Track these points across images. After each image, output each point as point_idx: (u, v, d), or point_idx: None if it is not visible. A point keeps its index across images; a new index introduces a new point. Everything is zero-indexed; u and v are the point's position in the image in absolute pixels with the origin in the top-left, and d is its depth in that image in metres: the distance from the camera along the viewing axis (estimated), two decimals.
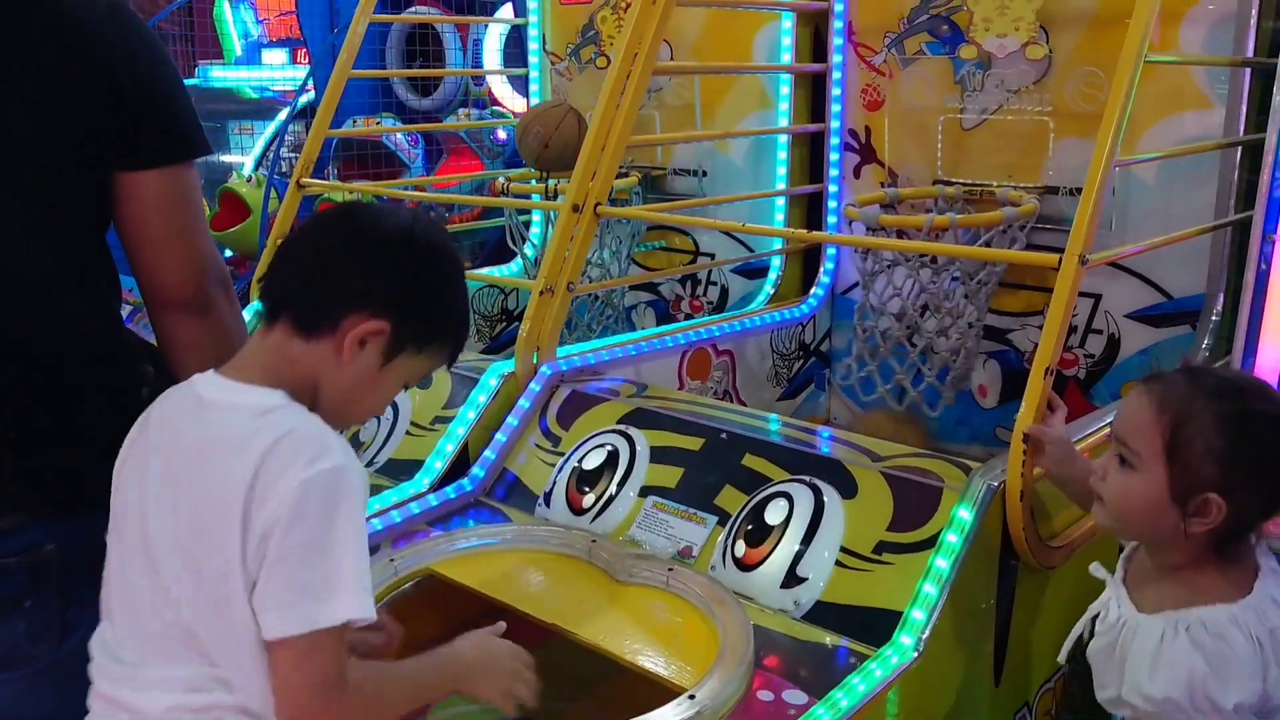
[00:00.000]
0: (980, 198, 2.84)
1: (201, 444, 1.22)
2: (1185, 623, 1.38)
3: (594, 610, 1.84)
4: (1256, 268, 2.12)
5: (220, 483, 1.17)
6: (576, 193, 2.49)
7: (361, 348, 1.27)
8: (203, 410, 1.25)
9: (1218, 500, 1.36)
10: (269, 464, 1.16)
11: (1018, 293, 2.88)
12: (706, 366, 2.86)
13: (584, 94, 3.72)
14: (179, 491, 1.22)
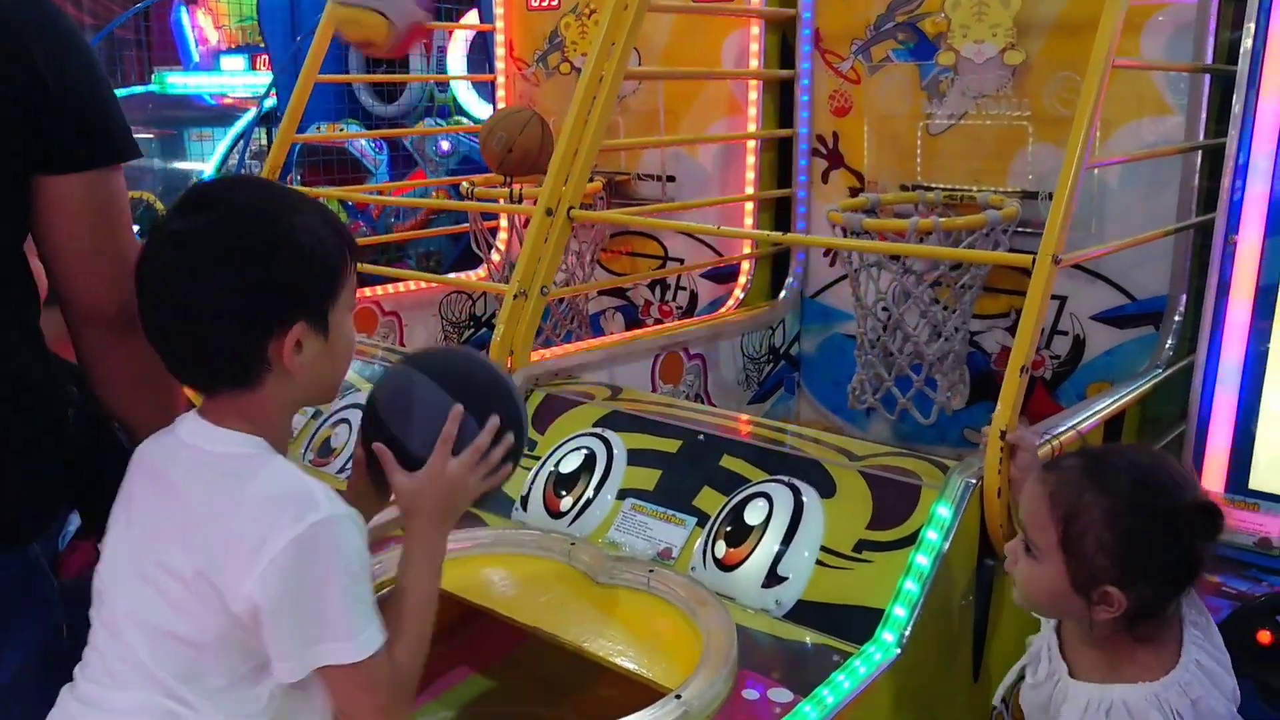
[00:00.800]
0: (960, 203, 2.87)
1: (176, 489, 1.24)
2: (1106, 703, 1.42)
3: (575, 613, 1.83)
4: (1219, 268, 2.17)
5: (212, 536, 1.18)
6: (550, 197, 2.49)
7: (300, 350, 1.23)
8: (180, 450, 1.26)
9: (1116, 593, 1.39)
10: (258, 520, 1.17)
11: (998, 297, 2.91)
12: (679, 370, 2.87)
13: (551, 100, 3.73)
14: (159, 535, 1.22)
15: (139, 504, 1.28)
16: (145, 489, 1.29)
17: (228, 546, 1.17)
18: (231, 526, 1.17)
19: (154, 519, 1.25)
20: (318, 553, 1.17)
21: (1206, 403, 2.17)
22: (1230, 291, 2.15)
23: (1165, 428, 2.48)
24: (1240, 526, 2.13)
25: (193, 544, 1.19)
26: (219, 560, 1.17)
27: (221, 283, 1.19)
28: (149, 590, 1.22)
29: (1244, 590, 2.04)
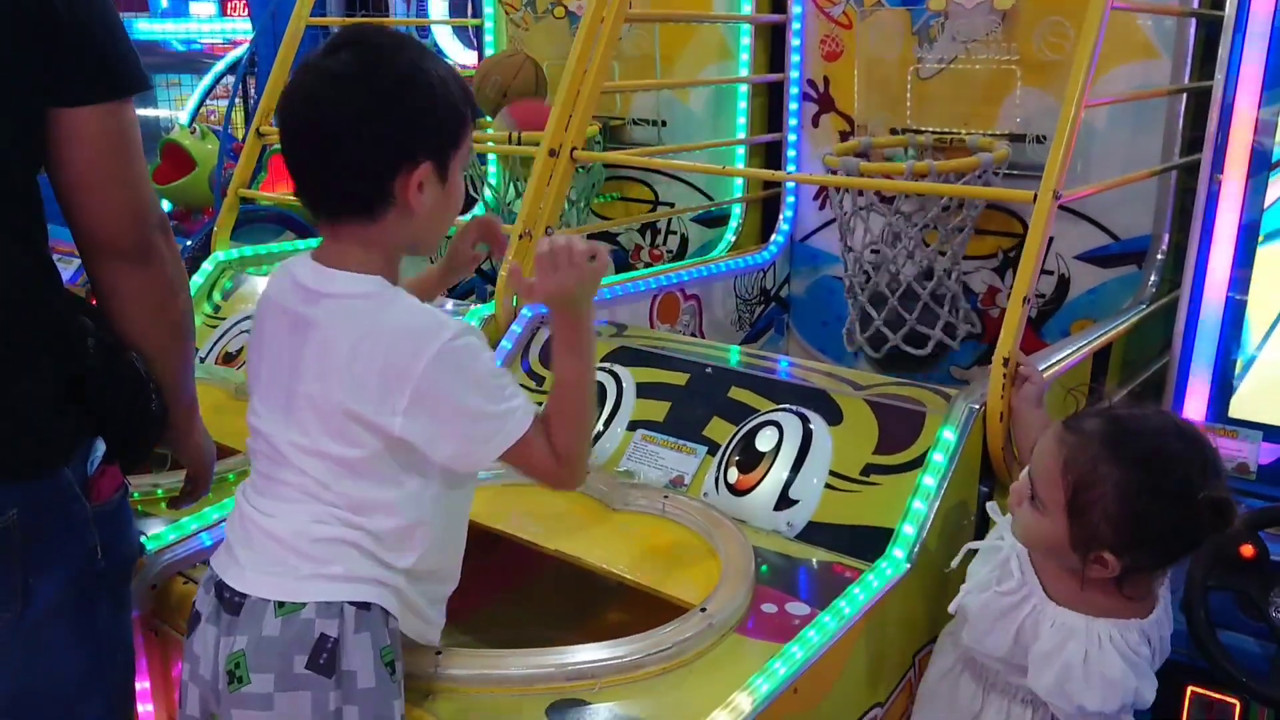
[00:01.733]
0: (950, 145, 2.94)
1: (318, 330, 1.38)
2: (1108, 633, 1.49)
3: (593, 537, 1.91)
4: (1204, 207, 2.26)
5: (344, 367, 1.34)
6: (553, 138, 2.53)
7: (422, 192, 1.37)
8: (312, 297, 1.39)
9: (1113, 559, 1.45)
10: (396, 352, 1.33)
11: (985, 238, 2.98)
12: (675, 310, 2.93)
13: (541, 45, 3.73)
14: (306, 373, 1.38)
15: (273, 344, 1.43)
16: (279, 329, 1.43)
17: (378, 381, 1.33)
18: (375, 362, 1.33)
19: (294, 359, 1.39)
20: (459, 368, 1.34)
21: (1190, 334, 2.26)
22: (1215, 227, 2.24)
23: (1148, 362, 2.58)
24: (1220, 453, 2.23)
25: (343, 382, 1.35)
26: (371, 394, 1.34)
27: (363, 111, 1.32)
28: (304, 420, 1.38)
29: None
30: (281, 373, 1.41)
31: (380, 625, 1.40)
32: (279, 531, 1.40)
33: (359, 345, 1.34)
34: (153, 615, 1.83)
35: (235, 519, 1.48)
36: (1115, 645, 1.49)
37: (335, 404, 1.36)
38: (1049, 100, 2.78)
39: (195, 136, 4.71)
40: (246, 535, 1.44)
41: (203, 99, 5.79)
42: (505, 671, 1.50)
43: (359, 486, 1.39)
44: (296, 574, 1.38)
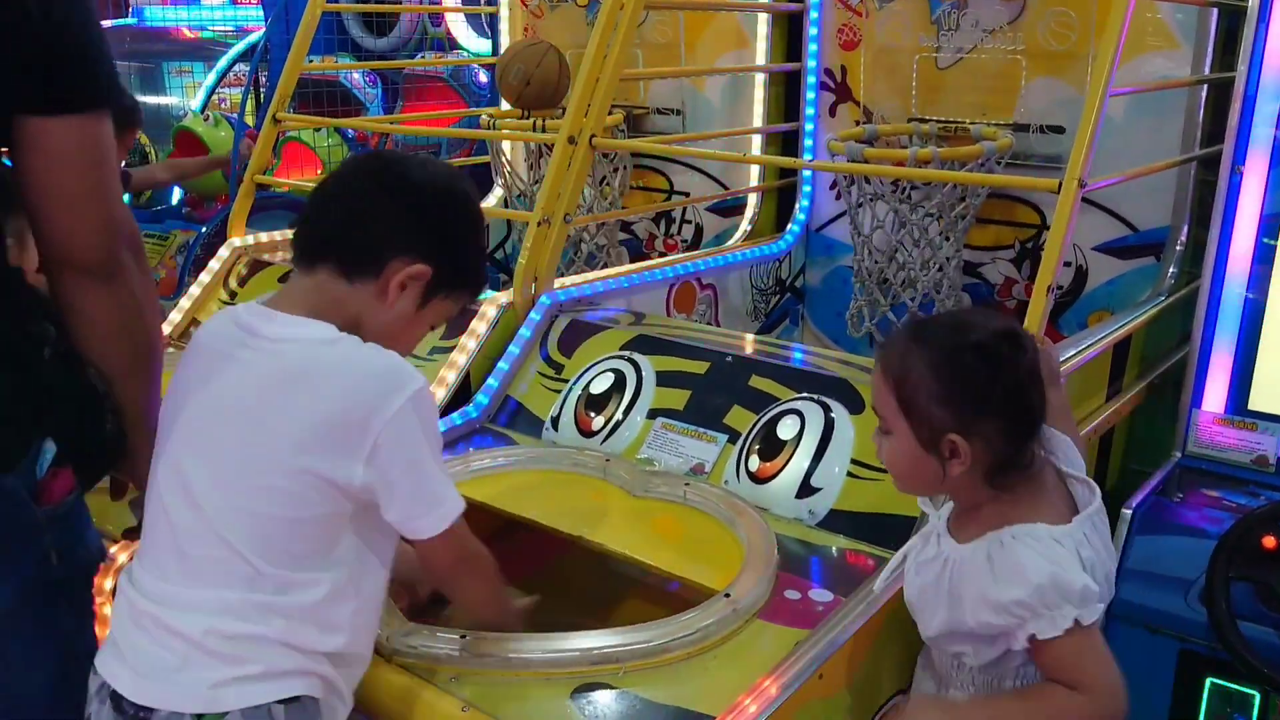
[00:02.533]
0: (955, 134, 2.94)
1: (268, 374, 1.31)
2: (1011, 533, 1.40)
3: (615, 523, 1.91)
4: (1225, 196, 2.25)
5: (311, 409, 1.28)
6: (572, 125, 2.53)
7: (403, 291, 1.37)
8: (260, 341, 1.33)
9: (959, 439, 1.39)
10: (360, 395, 1.29)
11: (986, 228, 2.99)
12: (692, 299, 2.93)
13: (556, 32, 3.73)
14: (245, 423, 1.30)
15: (201, 393, 1.34)
16: (210, 374, 1.34)
17: (340, 427, 1.28)
18: (335, 408, 1.28)
19: (228, 409, 1.32)
20: (424, 422, 1.32)
21: (1210, 327, 2.26)
22: (1236, 218, 2.24)
23: (1166, 354, 2.58)
24: (1239, 445, 2.23)
25: (295, 432, 1.28)
26: (329, 443, 1.27)
27: (416, 198, 1.40)
28: (235, 478, 1.29)
29: (1242, 504, 2.15)
30: (208, 425, 1.32)
31: (314, 715, 1.32)
32: (185, 629, 1.26)
33: (318, 390, 1.29)
34: None
35: (124, 612, 1.33)
36: (1017, 541, 1.39)
37: (282, 456, 1.27)
38: (1071, 90, 2.77)
39: (208, 124, 4.71)
40: (142, 633, 1.30)
41: (214, 86, 5.79)
42: (530, 655, 1.50)
43: (292, 554, 1.29)
44: (212, 680, 1.26)
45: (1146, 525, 2.09)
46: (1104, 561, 1.45)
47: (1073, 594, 1.35)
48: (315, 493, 1.28)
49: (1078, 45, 2.75)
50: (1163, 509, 2.16)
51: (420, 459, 1.32)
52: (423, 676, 1.51)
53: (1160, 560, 2.02)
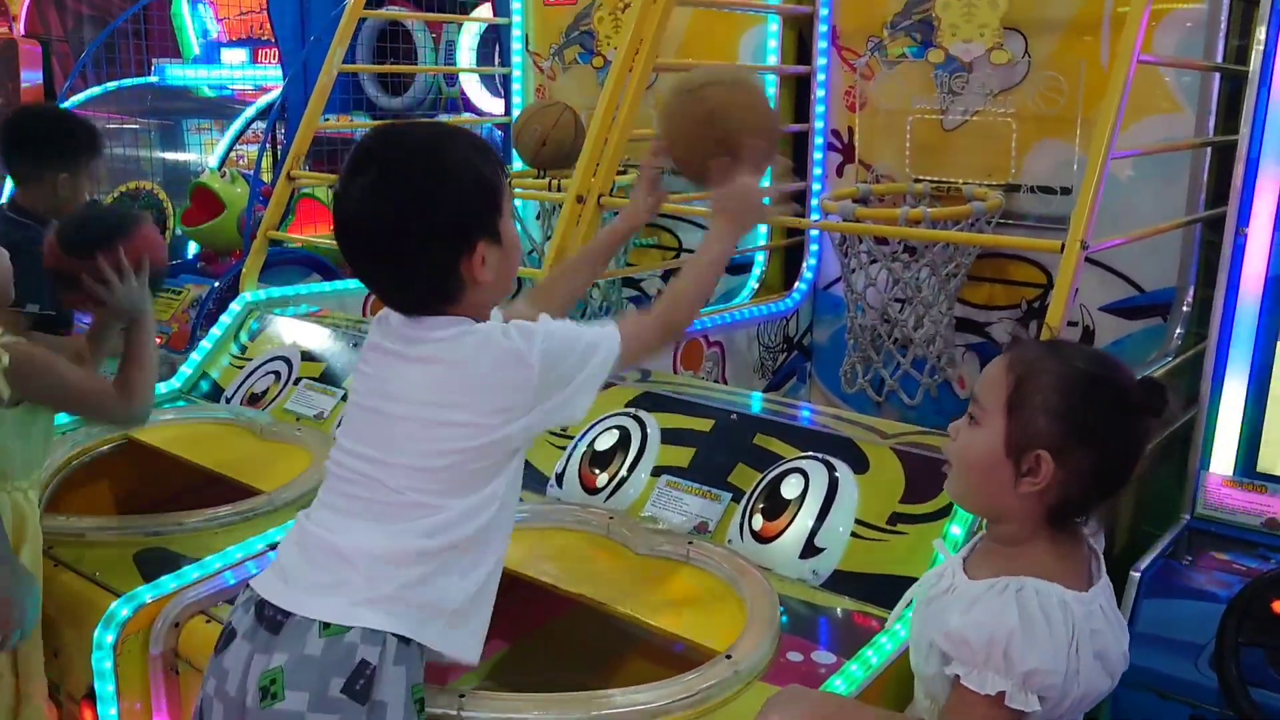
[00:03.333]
0: (948, 194, 2.97)
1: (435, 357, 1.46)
2: (1018, 585, 1.32)
3: (618, 582, 1.90)
4: (1230, 258, 2.26)
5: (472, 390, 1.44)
6: (580, 185, 2.56)
7: (485, 264, 1.44)
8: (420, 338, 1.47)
9: (1047, 458, 1.33)
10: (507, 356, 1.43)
11: (979, 286, 3.01)
12: (699, 356, 2.94)
13: (569, 94, 3.79)
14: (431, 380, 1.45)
15: (375, 378, 1.51)
16: (381, 365, 1.50)
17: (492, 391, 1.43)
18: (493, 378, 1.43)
19: (396, 388, 1.47)
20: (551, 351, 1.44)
21: (1217, 387, 2.25)
22: (1241, 280, 2.24)
23: (1173, 415, 2.57)
24: (1248, 507, 2.22)
25: (457, 397, 1.43)
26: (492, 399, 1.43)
27: (407, 226, 1.41)
28: (401, 440, 1.44)
29: (1253, 567, 2.12)
30: (381, 401, 1.48)
31: (417, 662, 1.42)
32: (344, 546, 1.43)
33: (473, 367, 1.43)
34: (173, 654, 1.84)
35: (293, 539, 1.51)
36: (1014, 592, 1.30)
37: (442, 418, 1.43)
38: (1054, 152, 2.83)
39: (224, 180, 4.78)
40: (304, 553, 1.47)
41: (232, 144, 5.89)
42: (529, 715, 1.49)
43: (444, 495, 1.43)
44: (349, 595, 1.40)
45: (1155, 589, 2.06)
46: (1118, 637, 1.38)
47: (1013, 669, 1.26)
48: (466, 439, 1.42)
49: (1067, 109, 2.79)
50: (1172, 572, 2.14)
51: (556, 343, 1.45)
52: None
53: (1170, 624, 1.99)
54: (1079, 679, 1.29)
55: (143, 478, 2.53)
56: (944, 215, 2.67)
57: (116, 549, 2.09)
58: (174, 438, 2.58)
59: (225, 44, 7.33)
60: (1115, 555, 2.37)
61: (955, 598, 1.38)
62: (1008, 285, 3.00)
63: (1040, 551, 1.37)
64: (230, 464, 2.43)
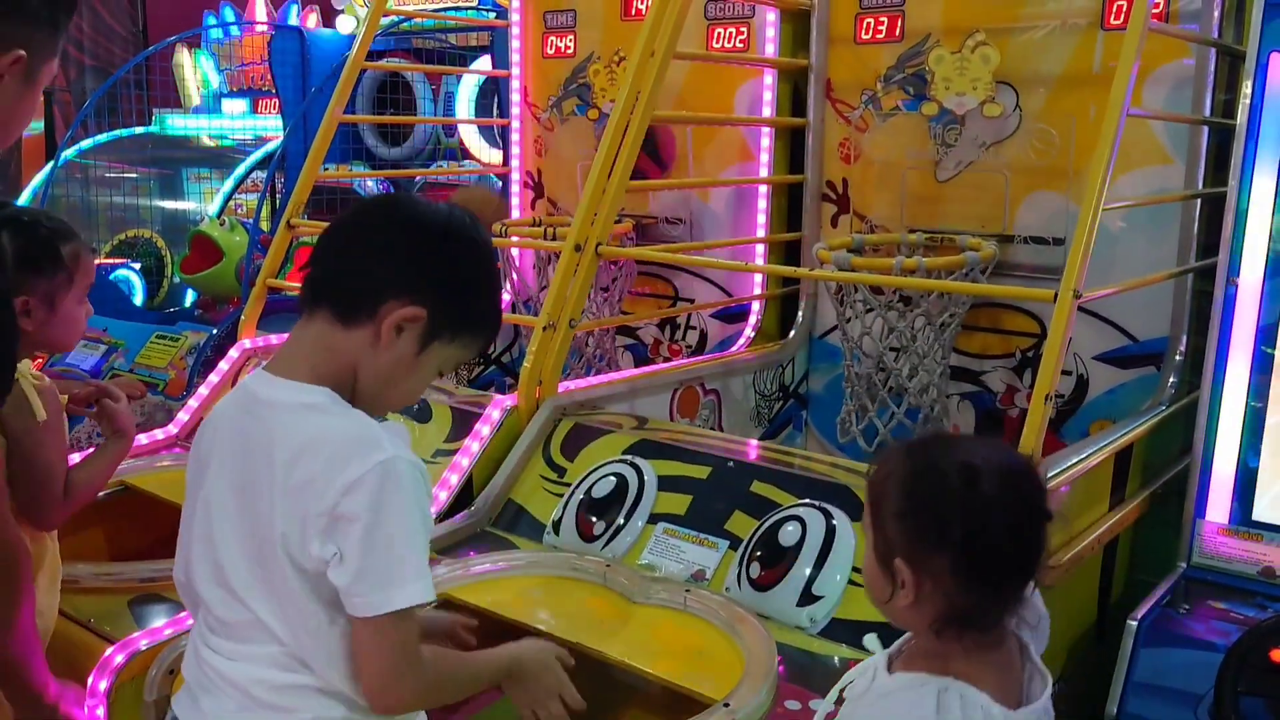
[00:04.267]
0: (941, 244, 3.00)
1: (258, 442, 1.30)
2: (942, 685, 1.21)
3: (614, 630, 1.89)
4: (1222, 308, 2.28)
5: (279, 481, 1.26)
6: (579, 233, 2.58)
7: (399, 334, 1.31)
8: (257, 407, 1.33)
9: (902, 565, 1.23)
10: (326, 464, 1.24)
11: (974, 335, 3.03)
12: (695, 404, 2.95)
13: (566, 144, 3.84)
14: (244, 491, 1.30)
15: (215, 464, 1.35)
16: (223, 445, 1.35)
17: (311, 493, 1.24)
18: (310, 473, 1.24)
19: (234, 478, 1.32)
20: (387, 492, 1.23)
21: (1210, 438, 2.27)
22: (1233, 330, 2.26)
23: (1168, 464, 2.58)
24: (1245, 556, 2.22)
25: (279, 499, 1.26)
26: (301, 510, 1.24)
27: (410, 239, 1.34)
28: (245, 548, 1.30)
29: (1250, 616, 2.12)
30: (221, 497, 1.33)
31: None
32: (239, 679, 1.31)
33: (296, 460, 1.26)
34: (167, 701, 1.81)
35: (192, 661, 1.39)
36: (935, 690, 1.21)
37: (272, 529, 1.27)
38: (1046, 203, 2.87)
39: (224, 228, 4.81)
40: (207, 680, 1.35)
41: (231, 193, 5.94)
42: None
43: (297, 626, 1.29)
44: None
45: (1153, 638, 2.06)
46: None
47: None
48: (293, 567, 1.26)
49: (1059, 160, 2.83)
50: (1169, 621, 2.14)
51: (380, 532, 1.23)
52: None
53: (1168, 674, 1.99)
54: None
55: (139, 524, 2.52)
56: (939, 265, 2.70)
57: (112, 595, 2.08)
58: (171, 483, 2.58)
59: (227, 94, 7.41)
60: (1112, 604, 2.39)
61: (872, 693, 1.30)
62: (1002, 335, 3.02)
63: (961, 661, 1.25)
64: None
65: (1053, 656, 2.11)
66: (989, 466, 1.23)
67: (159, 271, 5.70)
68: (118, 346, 4.04)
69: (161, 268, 5.59)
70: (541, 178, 3.98)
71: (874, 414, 2.89)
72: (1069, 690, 2.24)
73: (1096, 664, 2.26)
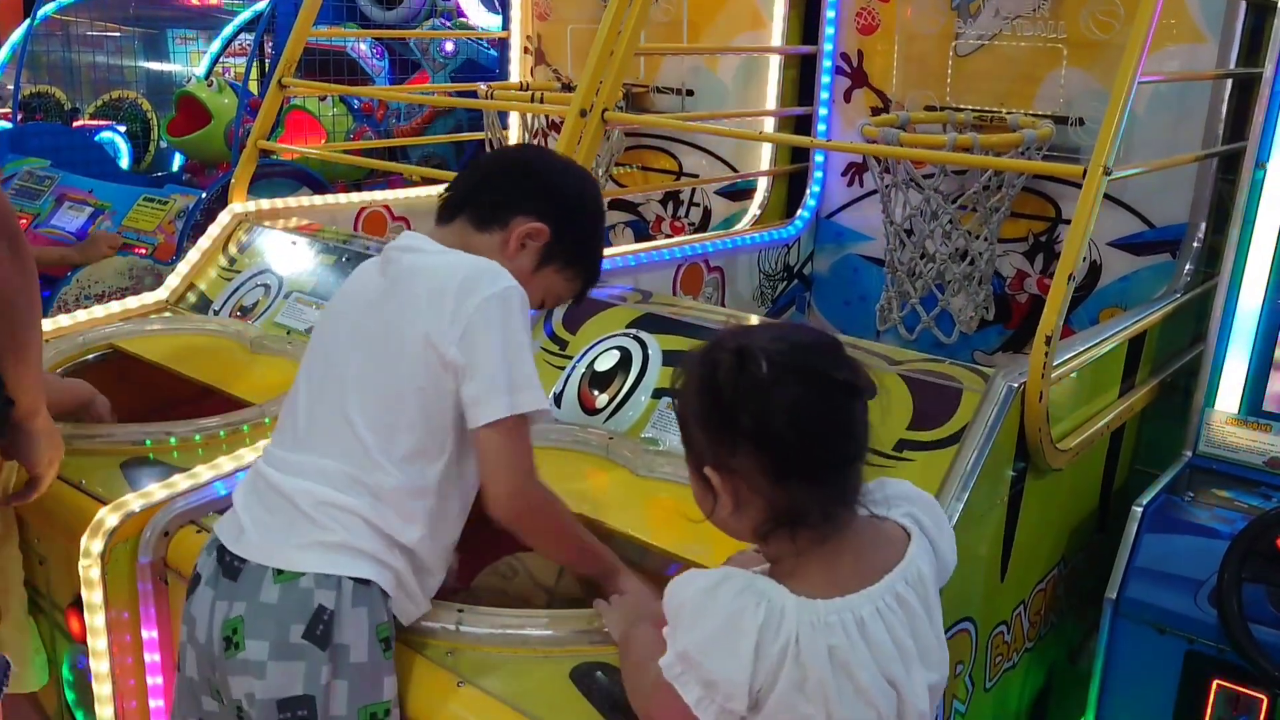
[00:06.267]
0: (990, 124, 2.89)
1: (401, 271, 1.51)
2: (728, 574, 1.15)
3: (618, 501, 1.87)
4: (1247, 193, 2.21)
5: (429, 289, 1.45)
6: (584, 98, 2.47)
7: (523, 247, 1.55)
8: (400, 255, 1.53)
9: (712, 473, 1.15)
10: (462, 283, 1.43)
11: (1017, 221, 2.94)
12: (699, 281, 2.89)
13: (569, 8, 3.68)
14: (382, 309, 1.48)
15: (360, 292, 1.54)
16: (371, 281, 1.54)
17: (442, 308, 1.42)
18: (445, 293, 1.42)
19: (379, 298, 1.50)
20: (510, 311, 1.43)
21: (1226, 325, 2.22)
22: (1257, 217, 2.19)
23: (1179, 353, 2.54)
24: (1252, 446, 2.20)
25: (416, 312, 1.44)
26: (436, 320, 1.41)
27: (553, 172, 1.65)
28: (372, 352, 1.45)
29: (1255, 505, 2.11)
30: (354, 321, 1.51)
31: (378, 601, 1.40)
32: (291, 489, 1.41)
33: (436, 278, 1.45)
34: (163, 563, 1.80)
35: (248, 483, 1.51)
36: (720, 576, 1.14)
37: (405, 328, 1.43)
38: (1093, 82, 2.73)
39: (212, 90, 4.65)
40: (258, 496, 1.46)
41: (220, 53, 5.74)
42: (529, 632, 1.47)
43: (396, 431, 1.42)
44: (298, 540, 1.39)
45: (1156, 523, 2.05)
46: (885, 663, 1.12)
47: (676, 642, 1.13)
48: (425, 366, 1.41)
49: (1095, 34, 2.70)
50: (1173, 508, 2.13)
51: (506, 345, 1.40)
52: (417, 650, 1.47)
53: (1170, 559, 1.98)
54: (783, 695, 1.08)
55: (129, 388, 2.47)
56: (994, 144, 2.58)
57: (103, 457, 2.05)
58: (161, 349, 2.52)
59: None
60: (1114, 492, 2.38)
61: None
62: (1014, 219, 2.94)
63: (791, 561, 1.17)
64: (219, 376, 2.38)
65: (1055, 540, 2.12)
66: (768, 347, 1.13)
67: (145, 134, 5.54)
68: (104, 209, 3.93)
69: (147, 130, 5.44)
70: (542, 43, 3.83)
71: (917, 300, 2.82)
72: (1069, 571, 2.25)
73: (1098, 550, 2.26)
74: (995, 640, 1.95)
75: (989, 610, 1.91)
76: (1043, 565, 2.12)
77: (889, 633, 1.14)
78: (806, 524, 1.15)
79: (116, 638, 1.82)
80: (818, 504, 1.15)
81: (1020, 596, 2.04)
